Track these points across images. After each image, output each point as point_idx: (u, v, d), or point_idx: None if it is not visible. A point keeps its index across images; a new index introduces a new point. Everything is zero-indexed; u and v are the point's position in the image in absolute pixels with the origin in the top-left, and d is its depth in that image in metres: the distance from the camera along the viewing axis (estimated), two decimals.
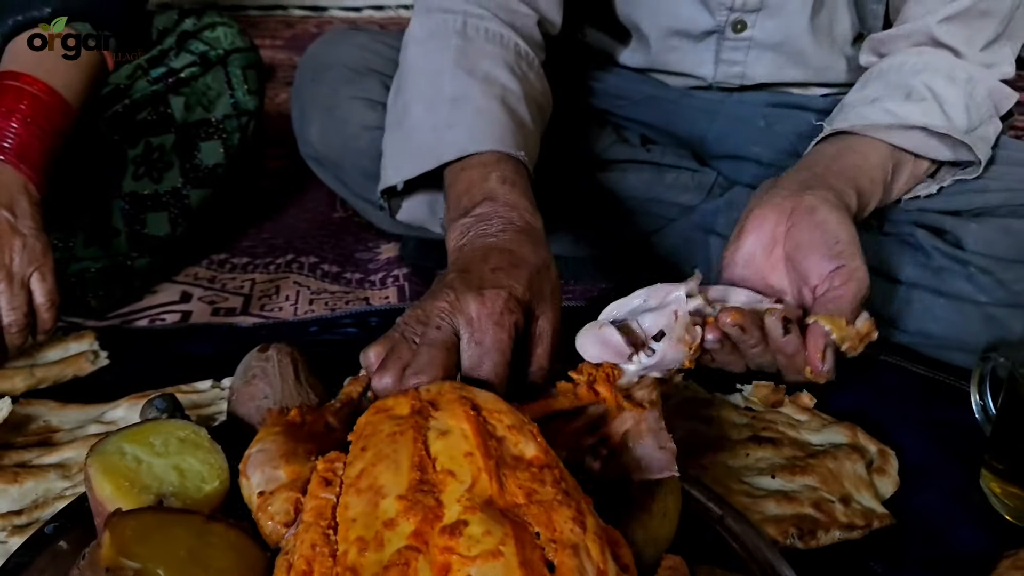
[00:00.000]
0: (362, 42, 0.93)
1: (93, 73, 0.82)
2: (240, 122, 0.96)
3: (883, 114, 0.75)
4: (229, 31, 0.95)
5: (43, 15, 0.80)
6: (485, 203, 0.65)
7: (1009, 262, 0.76)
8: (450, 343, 0.55)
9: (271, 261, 1.06)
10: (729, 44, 0.89)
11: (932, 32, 0.77)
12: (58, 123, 0.77)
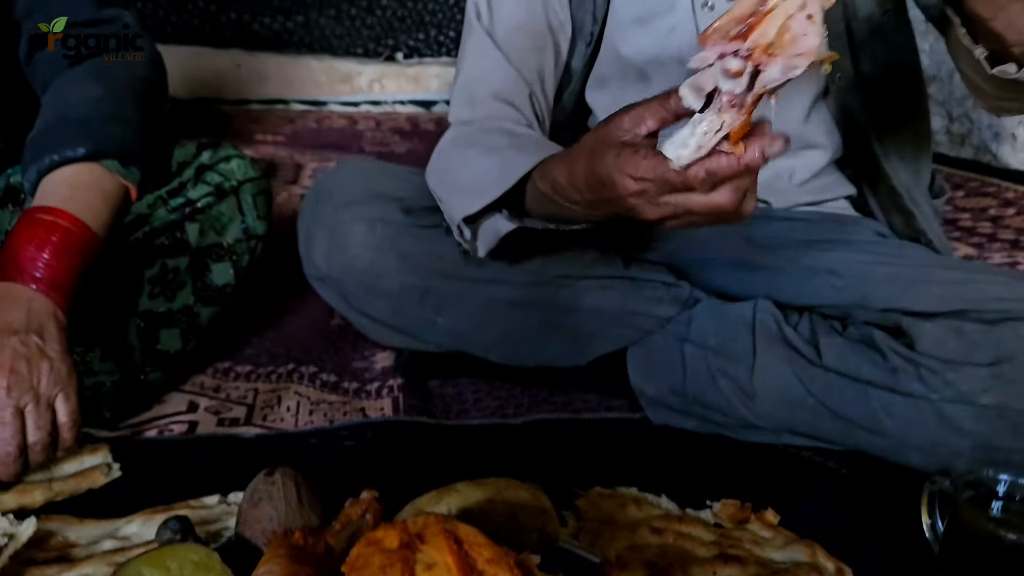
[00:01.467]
0: (364, 171, 1.02)
1: (119, 205, 0.90)
2: (249, 245, 1.04)
3: None
4: (242, 163, 1.04)
5: (77, 155, 0.89)
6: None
7: (957, 363, 0.83)
8: None
9: (272, 370, 1.13)
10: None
11: None
12: (86, 253, 0.84)
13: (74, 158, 0.88)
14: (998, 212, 1.97)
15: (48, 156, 0.88)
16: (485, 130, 0.93)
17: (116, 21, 1.01)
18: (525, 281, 1.00)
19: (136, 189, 0.92)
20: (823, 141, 0.99)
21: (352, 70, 3.42)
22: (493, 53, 0.97)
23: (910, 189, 0.99)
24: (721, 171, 0.60)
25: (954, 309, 0.86)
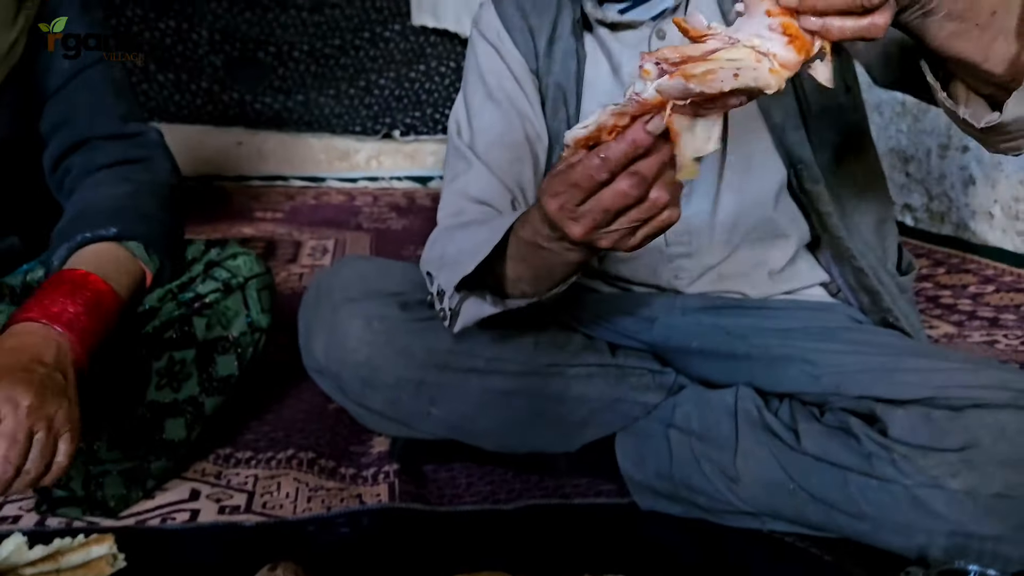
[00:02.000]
0: (360, 269, 1.07)
1: (137, 288, 0.97)
2: (254, 337, 1.08)
3: None
4: (248, 259, 1.09)
5: (108, 234, 0.96)
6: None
7: (927, 449, 0.87)
8: None
9: (272, 456, 1.16)
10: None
11: None
12: (110, 319, 0.90)
13: (105, 236, 0.95)
14: (978, 289, 2.03)
15: (80, 234, 0.95)
16: (473, 219, 0.99)
17: (142, 135, 1.09)
18: (516, 371, 1.04)
19: (151, 278, 0.98)
20: (791, 229, 1.04)
21: (350, 147, 3.53)
22: (475, 165, 1.03)
23: (875, 269, 1.04)
24: (611, 151, 0.62)
25: (923, 396, 0.90)
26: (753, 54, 0.58)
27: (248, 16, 3.36)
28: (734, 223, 1.03)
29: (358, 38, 3.43)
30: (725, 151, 1.00)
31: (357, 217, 2.92)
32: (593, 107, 1.01)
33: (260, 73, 3.42)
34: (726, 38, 0.59)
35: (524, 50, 1.07)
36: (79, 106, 1.05)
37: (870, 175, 1.07)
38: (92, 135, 1.05)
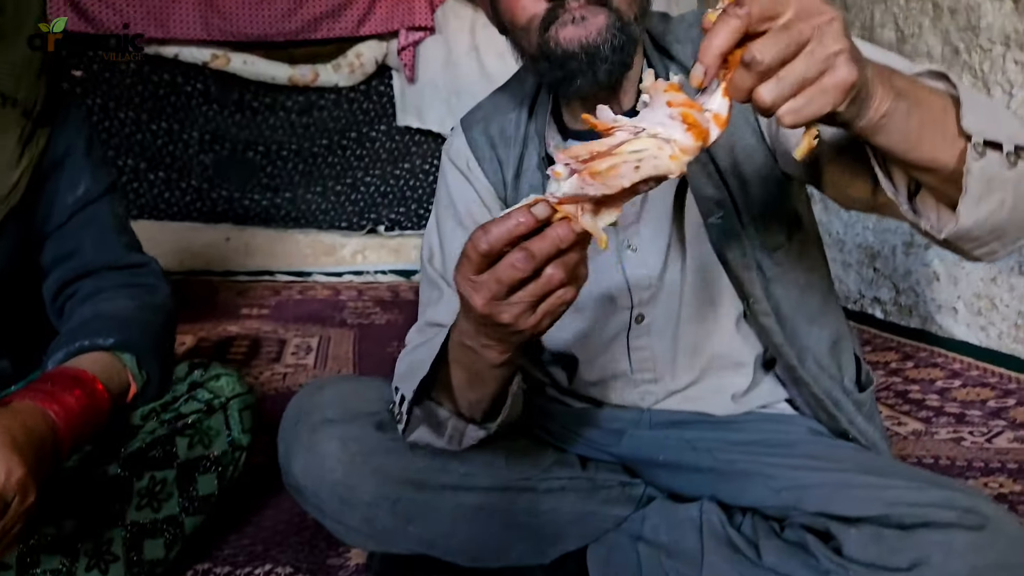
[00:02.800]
0: (339, 391, 1.11)
1: (123, 386, 1.01)
2: (234, 456, 1.12)
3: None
4: (231, 379, 1.14)
5: (106, 344, 1.01)
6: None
7: (878, 567, 0.89)
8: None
9: (251, 572, 1.18)
10: (634, 332, 1.08)
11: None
12: (98, 420, 0.94)
13: (102, 346, 1.00)
14: (945, 384, 2.08)
15: (80, 342, 1.00)
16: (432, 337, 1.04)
17: (145, 265, 1.17)
18: (489, 486, 1.08)
19: (135, 392, 1.02)
20: (750, 358, 1.09)
21: (336, 242, 3.60)
22: (447, 293, 1.08)
23: (830, 391, 1.07)
24: (495, 229, 0.66)
25: (875, 514, 0.94)
26: (656, 142, 0.62)
27: (238, 119, 3.47)
28: (695, 351, 1.08)
29: (345, 138, 3.55)
30: (684, 283, 1.05)
31: (342, 312, 2.96)
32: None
33: (249, 172, 3.51)
34: (632, 128, 0.63)
35: (493, 179, 1.13)
36: (83, 240, 1.12)
37: (823, 302, 1.10)
38: (97, 266, 1.12)
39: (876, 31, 2.54)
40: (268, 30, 3.28)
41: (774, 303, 1.03)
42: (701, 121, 0.62)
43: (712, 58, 0.61)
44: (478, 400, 0.92)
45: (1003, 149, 0.71)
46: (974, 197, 0.71)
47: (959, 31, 2.23)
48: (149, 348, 1.04)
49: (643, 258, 1.05)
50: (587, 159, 0.63)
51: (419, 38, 3.37)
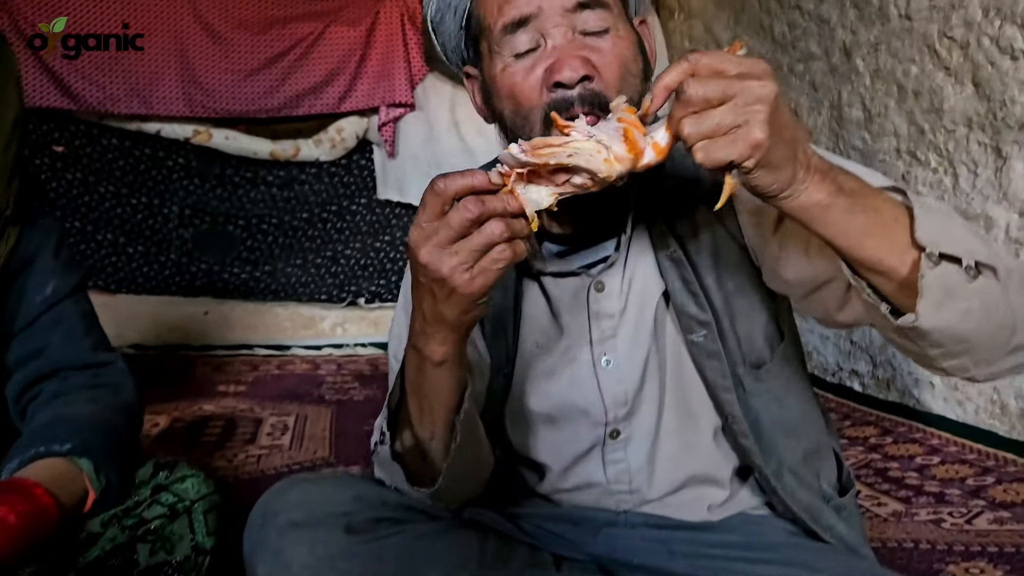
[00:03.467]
0: (307, 492, 1.09)
1: (80, 499, 0.98)
2: (198, 561, 1.09)
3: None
4: (196, 480, 1.12)
5: (62, 450, 0.99)
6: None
7: None
8: None
9: None
10: (610, 447, 1.05)
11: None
12: (48, 527, 0.91)
13: (58, 452, 0.98)
14: (924, 460, 2.07)
15: (36, 448, 0.98)
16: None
17: (111, 364, 1.16)
18: None
19: (95, 499, 1.00)
20: (727, 470, 1.06)
21: (316, 315, 3.59)
22: None
23: (808, 503, 1.05)
24: (452, 180, 0.74)
25: None
26: (597, 146, 0.72)
27: (219, 192, 3.49)
28: (674, 466, 1.05)
29: (326, 211, 3.57)
30: (664, 398, 1.03)
31: (320, 388, 2.94)
32: (530, 342, 1.06)
33: (229, 245, 3.52)
34: (586, 133, 0.73)
35: None
36: (50, 340, 1.11)
37: (802, 413, 1.08)
38: (63, 366, 1.11)
39: (844, 110, 2.61)
40: (250, 107, 3.33)
41: (752, 418, 1.00)
42: (639, 140, 0.72)
43: (660, 90, 0.70)
44: (430, 436, 0.91)
45: (962, 263, 0.73)
46: (933, 301, 0.73)
47: (923, 112, 2.30)
48: (108, 453, 1.02)
49: (620, 372, 1.02)
50: (539, 146, 0.73)
51: (400, 114, 3.42)
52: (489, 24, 0.93)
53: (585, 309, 1.02)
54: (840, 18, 2.59)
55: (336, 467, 2.13)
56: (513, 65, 0.91)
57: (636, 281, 1.01)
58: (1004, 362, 0.80)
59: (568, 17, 0.89)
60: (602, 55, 0.89)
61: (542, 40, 0.90)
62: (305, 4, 3.32)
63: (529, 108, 0.91)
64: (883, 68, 2.43)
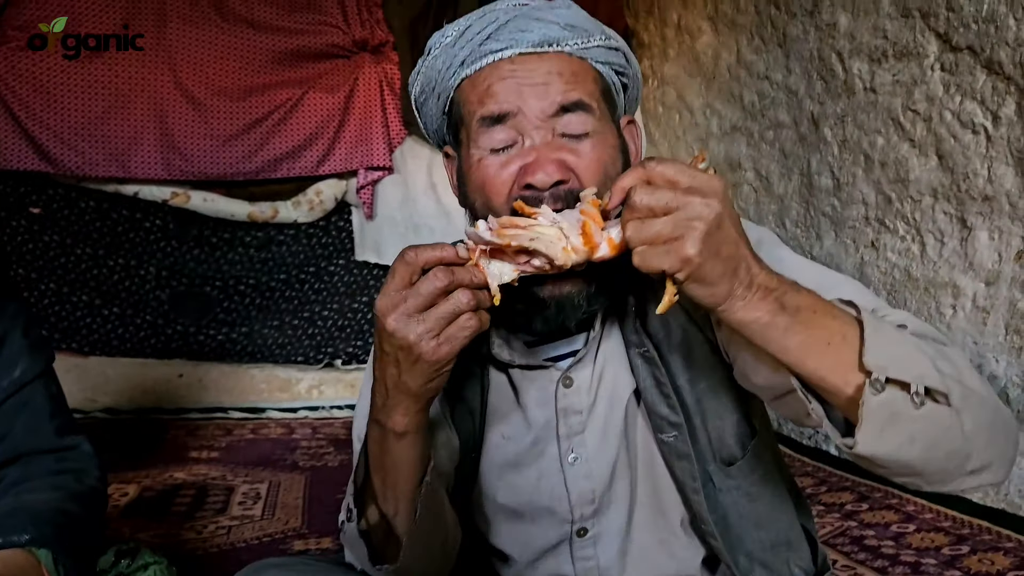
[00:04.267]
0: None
1: None
2: None
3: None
4: (159, 568, 1.10)
5: (20, 541, 0.97)
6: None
7: None
8: None
9: None
10: (578, 544, 1.03)
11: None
12: None
13: (17, 544, 0.97)
14: (900, 528, 2.07)
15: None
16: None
17: (77, 448, 1.15)
18: None
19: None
20: (696, 561, 1.04)
21: (292, 377, 3.56)
22: None
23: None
24: (423, 252, 0.77)
25: None
26: (559, 234, 0.76)
27: (196, 253, 3.49)
28: (645, 561, 1.03)
29: (303, 272, 3.57)
30: (634, 496, 1.01)
31: (294, 453, 2.90)
32: (496, 433, 1.04)
33: (205, 306, 3.51)
34: (551, 219, 0.77)
35: None
36: (15, 424, 1.10)
37: (773, 505, 1.06)
38: (28, 450, 1.09)
39: (814, 178, 2.67)
40: (229, 170, 3.35)
41: (720, 515, 0.99)
42: (595, 235, 0.76)
43: (616, 191, 0.73)
44: (394, 511, 0.90)
45: (911, 388, 0.71)
46: (874, 429, 0.71)
47: (890, 182, 2.35)
48: (67, 544, 1.00)
49: (587, 469, 1.00)
50: (506, 225, 0.77)
51: (378, 177, 3.46)
52: (469, 114, 0.93)
53: (552, 404, 1.00)
54: (808, 89, 2.66)
55: (308, 538, 2.09)
56: (488, 158, 0.91)
57: (607, 377, 1.00)
58: (961, 483, 0.78)
59: (549, 120, 0.89)
60: (580, 158, 0.89)
61: (520, 138, 0.90)
62: (284, 71, 3.37)
63: (499, 204, 0.90)
64: (850, 138, 2.49)
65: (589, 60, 0.92)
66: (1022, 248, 1.99)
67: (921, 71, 2.21)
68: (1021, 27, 1.90)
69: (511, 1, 0.92)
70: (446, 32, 0.94)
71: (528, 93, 0.89)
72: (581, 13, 0.94)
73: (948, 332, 2.19)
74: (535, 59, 0.90)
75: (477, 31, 0.91)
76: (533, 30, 0.90)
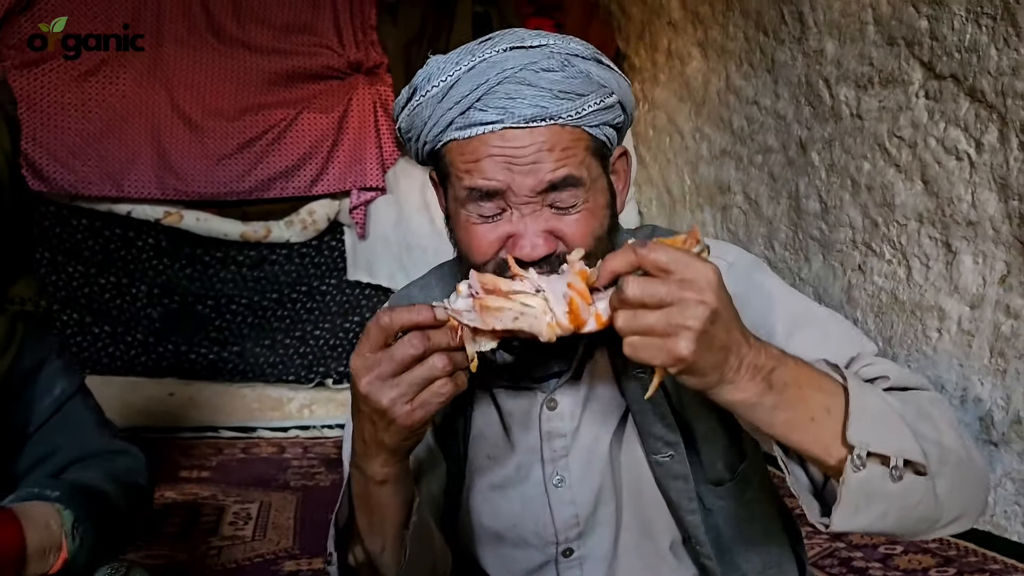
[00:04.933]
0: None
1: (50, 541, 0.97)
2: None
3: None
4: None
5: (51, 496, 1.00)
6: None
7: None
8: None
9: None
10: (564, 564, 1.03)
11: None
12: (5, 562, 0.91)
13: (50, 497, 0.99)
14: (887, 550, 2.09)
15: (29, 490, 1.00)
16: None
17: (128, 452, 1.19)
18: None
19: (63, 561, 0.98)
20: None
21: (283, 396, 3.56)
22: None
23: None
24: (397, 314, 0.76)
25: None
26: (544, 306, 0.74)
27: (189, 272, 3.50)
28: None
29: (295, 291, 3.58)
30: (620, 518, 1.02)
31: (285, 473, 2.90)
32: (481, 455, 1.04)
33: (197, 325, 3.51)
34: (536, 285, 0.75)
35: None
36: (64, 439, 1.13)
37: (764, 528, 1.06)
38: (79, 456, 1.12)
39: (802, 201, 2.70)
40: (222, 190, 3.37)
41: (714, 536, 0.99)
42: (582, 311, 0.74)
43: (605, 272, 0.72)
44: (381, 548, 0.90)
45: (890, 462, 0.73)
46: (850, 508, 0.73)
47: (876, 206, 2.39)
48: (93, 517, 1.01)
49: (572, 493, 1.00)
50: (490, 289, 0.75)
51: (371, 197, 3.48)
52: (457, 177, 0.89)
53: (537, 427, 1.00)
54: (796, 115, 2.71)
55: (299, 559, 2.09)
56: (476, 221, 0.89)
57: (593, 400, 1.00)
58: (930, 535, 0.81)
59: (538, 196, 0.86)
60: (569, 226, 0.88)
61: (509, 209, 0.88)
62: (279, 92, 3.39)
63: (483, 262, 0.89)
64: (837, 163, 2.53)
65: (582, 127, 0.88)
66: (1005, 272, 2.02)
67: (906, 98, 2.25)
68: (1002, 56, 1.95)
69: (500, 45, 0.87)
70: (433, 80, 0.88)
71: (517, 171, 0.85)
72: (574, 70, 0.87)
73: (934, 355, 2.22)
74: (525, 134, 0.85)
75: (466, 92, 0.86)
76: (525, 99, 0.85)
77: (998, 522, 2.05)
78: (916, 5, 2.19)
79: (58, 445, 1.13)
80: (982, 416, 2.09)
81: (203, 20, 3.40)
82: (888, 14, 2.28)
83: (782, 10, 2.71)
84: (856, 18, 2.40)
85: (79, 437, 1.15)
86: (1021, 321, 1.98)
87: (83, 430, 1.16)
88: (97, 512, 1.04)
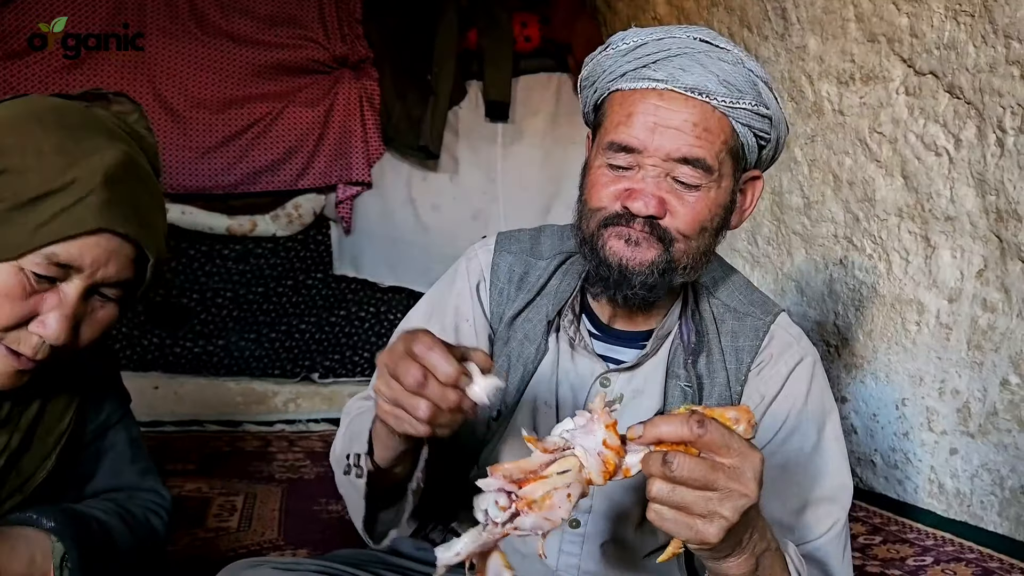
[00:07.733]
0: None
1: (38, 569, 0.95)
2: None
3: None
4: None
5: (46, 525, 0.97)
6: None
7: None
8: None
9: None
10: (567, 537, 1.07)
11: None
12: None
13: (42, 526, 0.97)
14: (867, 540, 2.12)
15: (25, 514, 0.98)
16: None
17: (153, 491, 1.17)
18: None
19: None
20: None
21: (269, 390, 3.56)
22: None
23: None
24: (434, 353, 0.77)
25: None
26: (577, 463, 0.73)
27: (174, 265, 3.48)
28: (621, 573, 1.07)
29: (281, 285, 3.58)
30: (633, 512, 1.06)
31: (270, 466, 2.90)
32: (538, 400, 1.07)
33: (182, 317, 3.50)
34: (564, 446, 0.73)
35: (494, 310, 1.11)
36: (100, 467, 1.14)
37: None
38: (111, 488, 1.13)
39: (785, 196, 2.73)
40: (207, 183, 3.36)
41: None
42: (616, 465, 0.73)
43: (650, 437, 0.72)
44: (396, 456, 0.93)
45: None
46: None
47: (858, 201, 2.42)
48: (88, 549, 0.98)
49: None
50: (521, 480, 0.72)
51: (356, 192, 3.48)
52: (606, 128, 0.99)
53: (585, 395, 1.06)
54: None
55: (284, 550, 2.10)
56: (605, 169, 0.99)
57: (640, 396, 1.06)
58: None
59: (667, 163, 0.95)
60: (682, 204, 0.95)
61: (637, 167, 0.96)
62: (264, 85, 3.38)
63: (597, 207, 0.98)
64: (819, 158, 2.55)
65: (731, 118, 0.95)
66: (983, 267, 2.05)
67: (887, 94, 2.28)
68: (980, 53, 1.97)
69: (693, 33, 0.96)
70: (627, 37, 0.98)
71: (660, 133, 0.94)
72: (744, 71, 0.95)
73: (913, 348, 2.25)
74: (681, 101, 0.94)
75: (647, 52, 0.96)
76: (693, 73, 0.93)
77: (975, 512, 2.08)
78: (896, 3, 2.21)
79: (95, 471, 1.14)
80: (959, 408, 2.12)
81: (187, 10, 3.38)
82: (869, 11, 2.31)
83: (765, 6, 2.73)
84: (838, 15, 2.42)
85: (114, 467, 1.15)
86: (998, 314, 2.01)
87: (120, 462, 1.15)
88: (94, 546, 1.02)
